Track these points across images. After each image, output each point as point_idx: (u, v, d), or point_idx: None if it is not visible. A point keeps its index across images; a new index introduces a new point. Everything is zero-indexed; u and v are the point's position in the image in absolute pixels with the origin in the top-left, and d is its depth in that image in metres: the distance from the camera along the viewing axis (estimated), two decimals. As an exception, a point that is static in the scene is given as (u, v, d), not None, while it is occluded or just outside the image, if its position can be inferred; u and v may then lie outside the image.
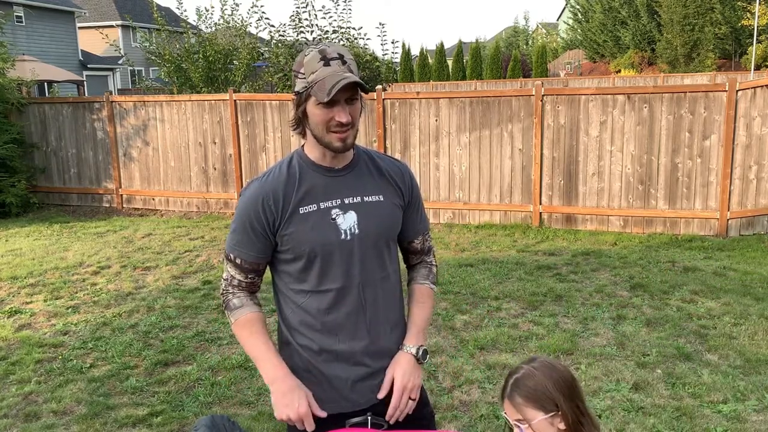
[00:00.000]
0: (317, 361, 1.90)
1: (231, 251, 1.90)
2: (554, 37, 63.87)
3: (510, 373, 1.77)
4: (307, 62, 1.78)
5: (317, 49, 1.79)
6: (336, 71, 1.75)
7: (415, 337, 1.98)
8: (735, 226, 7.83)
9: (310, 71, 1.77)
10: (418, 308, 2.04)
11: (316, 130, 1.81)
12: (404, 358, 1.95)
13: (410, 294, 2.08)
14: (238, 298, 1.92)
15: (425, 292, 2.07)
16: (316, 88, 1.75)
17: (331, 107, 1.77)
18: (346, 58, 1.78)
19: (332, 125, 1.78)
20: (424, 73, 44.31)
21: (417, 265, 2.12)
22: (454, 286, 6.18)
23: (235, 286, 1.93)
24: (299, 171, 1.88)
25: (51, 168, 11.06)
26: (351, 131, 1.81)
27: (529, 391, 1.69)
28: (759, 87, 7.57)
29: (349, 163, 1.91)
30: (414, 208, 2.03)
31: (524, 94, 8.47)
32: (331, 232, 1.84)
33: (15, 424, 3.89)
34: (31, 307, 5.97)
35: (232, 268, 1.91)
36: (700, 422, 3.66)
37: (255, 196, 1.85)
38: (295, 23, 12.81)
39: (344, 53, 1.80)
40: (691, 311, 5.37)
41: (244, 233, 1.87)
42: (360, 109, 1.83)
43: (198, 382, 4.37)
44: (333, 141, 1.80)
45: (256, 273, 1.92)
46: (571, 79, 34.16)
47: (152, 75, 30.08)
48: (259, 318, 1.91)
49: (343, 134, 1.79)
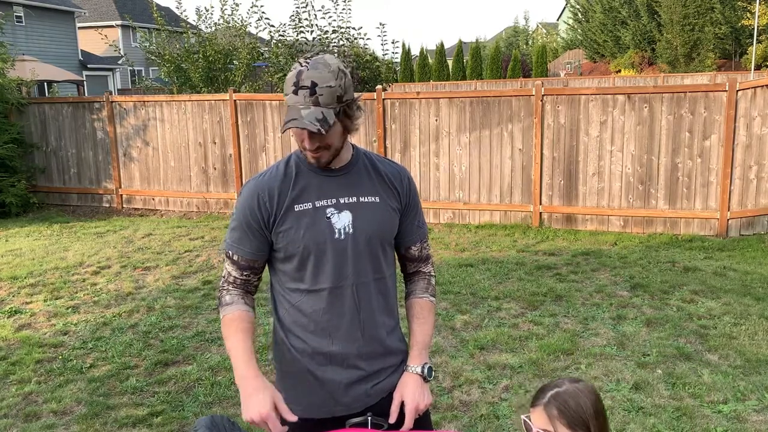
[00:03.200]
0: (310, 364, 1.90)
1: (229, 248, 1.92)
2: (554, 37, 63.84)
3: (550, 384, 1.76)
4: (287, 80, 1.78)
5: (297, 70, 1.75)
6: (296, 104, 1.74)
7: (419, 356, 1.96)
8: (735, 226, 7.83)
9: (285, 92, 1.78)
10: (419, 325, 2.00)
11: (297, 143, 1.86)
12: (411, 379, 1.93)
13: (409, 309, 2.04)
14: (230, 295, 1.92)
15: (425, 306, 2.03)
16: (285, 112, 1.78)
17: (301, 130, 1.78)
18: (318, 88, 1.72)
19: (305, 146, 1.81)
20: (424, 73, 44.29)
21: (414, 275, 2.07)
22: (454, 286, 6.18)
23: (231, 283, 1.93)
24: (296, 170, 1.89)
25: (51, 168, 11.06)
26: (325, 152, 1.82)
27: (569, 409, 1.68)
28: (759, 87, 7.57)
29: (347, 164, 1.92)
30: (412, 213, 2.01)
31: (524, 94, 8.47)
32: (325, 230, 1.85)
33: (15, 424, 3.89)
34: (31, 307, 5.97)
35: (230, 264, 1.93)
36: (700, 422, 3.66)
37: (251, 194, 1.88)
38: (295, 23, 12.81)
39: (319, 81, 1.72)
40: (691, 311, 5.37)
41: (241, 230, 1.89)
42: (339, 131, 1.81)
43: (198, 382, 4.37)
44: (308, 158, 1.85)
45: (251, 271, 1.92)
46: (571, 79, 34.16)
47: (152, 75, 30.07)
48: (244, 317, 1.89)
49: (315, 155, 1.82)
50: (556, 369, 4.39)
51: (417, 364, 1.95)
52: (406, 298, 2.07)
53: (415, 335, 2.00)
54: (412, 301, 2.04)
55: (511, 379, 4.26)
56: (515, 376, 4.29)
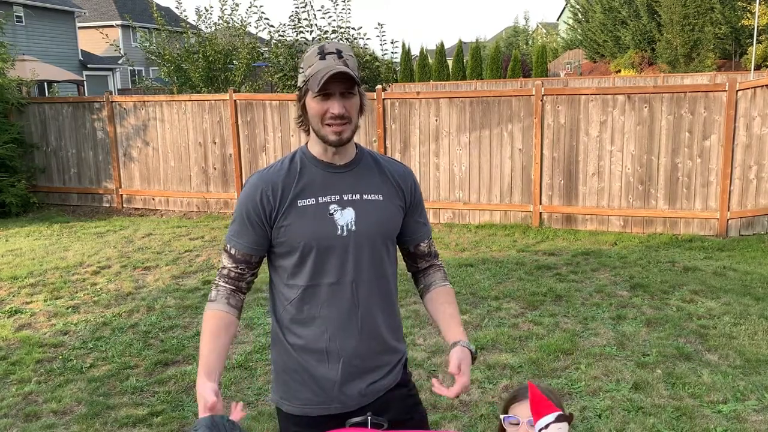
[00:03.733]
0: (306, 361, 1.90)
1: (228, 241, 1.93)
2: (554, 37, 63.84)
3: (519, 390, 1.80)
4: (307, 57, 1.83)
5: (318, 45, 1.83)
6: (330, 64, 1.77)
7: (464, 332, 1.96)
8: (735, 226, 7.83)
9: (308, 65, 1.81)
10: (452, 307, 2.02)
11: (314, 122, 1.83)
12: (466, 354, 1.88)
13: (436, 297, 2.04)
14: (217, 291, 1.91)
15: (450, 292, 2.07)
16: (311, 81, 1.78)
17: (326, 99, 1.79)
18: (344, 53, 1.80)
19: (327, 117, 1.80)
20: (424, 73, 44.29)
21: (429, 269, 2.09)
22: (454, 286, 6.19)
23: (224, 276, 1.92)
24: (300, 165, 1.90)
25: (51, 168, 11.06)
26: (347, 126, 1.82)
27: (553, 392, 1.73)
28: (759, 87, 7.57)
29: (351, 160, 1.92)
30: (417, 212, 2.03)
31: (524, 94, 8.47)
32: (327, 226, 1.85)
33: (15, 424, 3.89)
34: (31, 307, 5.97)
35: (226, 257, 1.93)
36: (700, 422, 3.66)
37: (255, 187, 1.88)
38: (295, 23, 12.82)
39: (343, 49, 1.81)
40: (691, 311, 5.37)
41: (241, 223, 1.90)
42: (358, 104, 1.84)
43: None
44: (328, 134, 1.82)
45: (246, 265, 1.91)
46: (571, 79, 34.16)
47: (152, 75, 30.06)
48: (222, 317, 1.87)
49: (339, 128, 1.81)
50: (555, 369, 4.39)
51: (468, 341, 1.91)
52: (427, 290, 2.07)
53: (452, 315, 1.99)
54: (437, 289, 2.05)
55: (511, 379, 4.26)
56: (515, 376, 4.29)
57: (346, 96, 1.80)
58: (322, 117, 1.81)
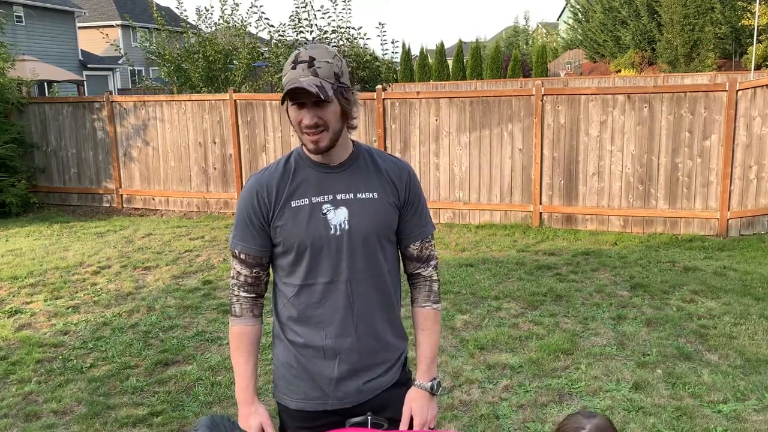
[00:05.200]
0: (304, 357, 1.93)
1: (234, 246, 1.94)
2: (554, 36, 63.83)
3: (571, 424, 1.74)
4: (285, 65, 1.83)
5: (295, 52, 1.82)
6: (294, 76, 1.77)
7: (427, 372, 1.99)
8: (735, 226, 7.83)
9: (285, 73, 1.82)
10: (424, 337, 2.01)
11: (294, 129, 1.85)
12: (419, 395, 1.97)
13: (413, 319, 2.04)
14: (239, 305, 1.95)
15: (428, 315, 2.02)
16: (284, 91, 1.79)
17: (300, 108, 1.79)
18: (316, 61, 1.77)
19: (302, 126, 1.81)
20: (424, 73, 44.29)
21: (415, 279, 2.05)
22: (454, 286, 6.18)
23: (241, 286, 1.95)
24: (294, 166, 1.92)
25: (51, 168, 11.06)
26: (324, 134, 1.81)
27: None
28: (759, 87, 7.57)
29: (346, 160, 1.93)
30: (412, 210, 1.98)
31: (524, 94, 8.47)
32: (321, 226, 1.87)
33: (15, 424, 3.89)
34: (31, 307, 5.97)
35: (238, 263, 1.94)
36: (700, 422, 3.66)
37: (250, 190, 1.91)
38: (295, 23, 12.82)
39: (317, 56, 1.78)
40: (691, 311, 5.37)
41: (244, 227, 1.92)
42: (337, 110, 1.81)
43: (198, 382, 4.37)
44: (307, 142, 1.84)
45: (260, 267, 1.94)
46: (571, 78, 34.15)
47: (152, 75, 30.06)
48: (250, 332, 1.95)
49: (314, 136, 1.81)
50: (556, 369, 4.39)
51: (426, 380, 1.98)
52: (412, 306, 2.06)
53: (422, 348, 2.01)
54: (415, 310, 2.04)
55: (511, 379, 4.26)
56: (515, 376, 4.29)
57: (320, 104, 1.78)
58: (298, 125, 1.83)
